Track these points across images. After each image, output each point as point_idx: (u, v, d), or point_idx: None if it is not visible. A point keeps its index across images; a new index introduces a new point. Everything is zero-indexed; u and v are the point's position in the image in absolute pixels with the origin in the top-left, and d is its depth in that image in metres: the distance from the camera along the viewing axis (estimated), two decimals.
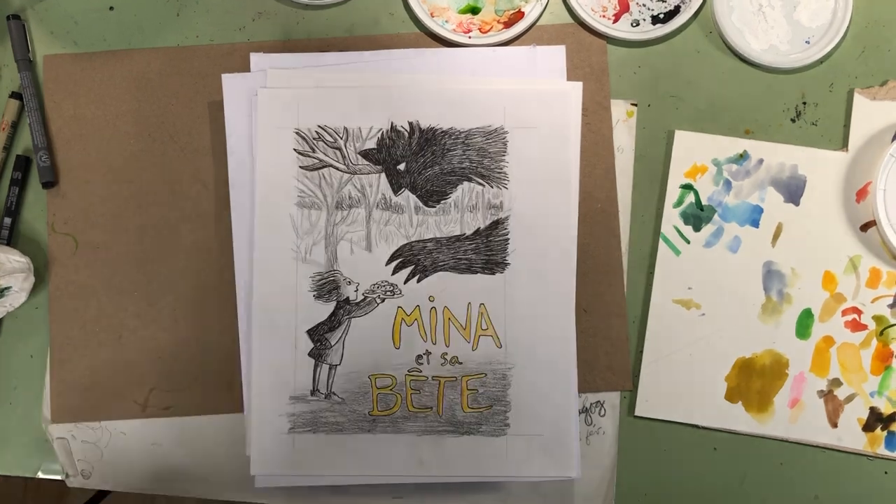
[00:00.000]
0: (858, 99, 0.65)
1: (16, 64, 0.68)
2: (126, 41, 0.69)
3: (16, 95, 0.68)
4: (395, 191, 0.64)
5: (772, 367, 0.64)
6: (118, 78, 0.68)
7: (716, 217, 0.65)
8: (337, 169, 0.65)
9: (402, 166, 0.65)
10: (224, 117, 0.66)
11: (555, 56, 0.66)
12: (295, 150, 0.65)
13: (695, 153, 0.65)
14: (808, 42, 0.65)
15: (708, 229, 0.65)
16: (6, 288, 0.64)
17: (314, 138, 0.65)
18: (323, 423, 0.63)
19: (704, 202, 0.65)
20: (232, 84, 0.66)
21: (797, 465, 0.64)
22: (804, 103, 0.66)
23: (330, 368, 0.64)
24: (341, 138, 0.65)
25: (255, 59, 0.66)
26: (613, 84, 0.66)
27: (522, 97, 0.64)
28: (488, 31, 0.67)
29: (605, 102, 0.66)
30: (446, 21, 0.67)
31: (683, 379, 0.64)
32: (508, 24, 0.66)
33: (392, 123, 0.65)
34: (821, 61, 0.66)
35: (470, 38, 0.66)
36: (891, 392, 0.63)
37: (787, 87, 0.66)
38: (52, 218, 0.67)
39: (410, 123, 0.65)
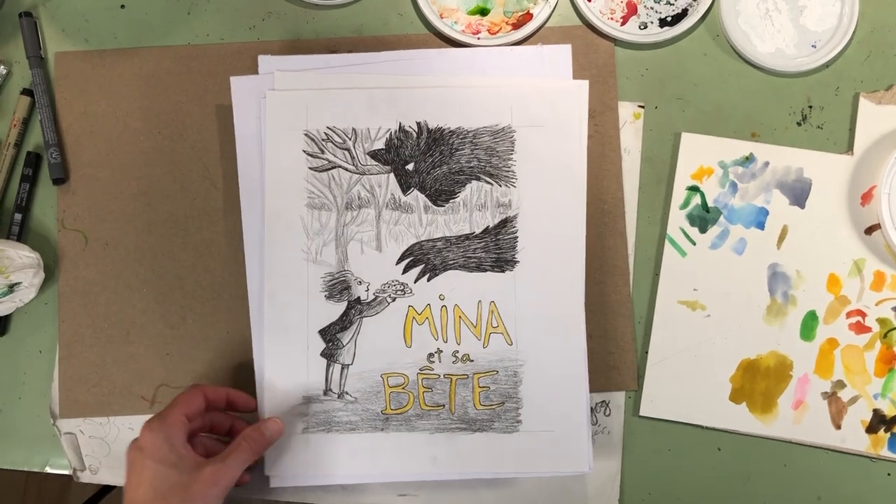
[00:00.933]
0: (864, 103, 0.65)
1: (27, 61, 0.68)
2: (137, 39, 0.69)
3: (27, 92, 0.68)
4: (404, 191, 0.65)
5: (776, 369, 0.64)
6: (129, 75, 0.68)
7: (721, 219, 0.65)
8: (346, 170, 0.65)
9: (410, 166, 0.65)
10: (232, 119, 0.66)
11: (561, 55, 0.66)
12: (304, 151, 0.65)
13: (701, 155, 0.66)
14: (814, 46, 0.66)
15: (714, 231, 0.65)
16: (16, 283, 0.64)
17: (323, 139, 0.65)
18: (336, 422, 0.63)
19: (710, 204, 0.65)
20: (240, 86, 0.66)
21: (801, 466, 0.64)
22: (810, 107, 0.66)
23: (342, 368, 0.64)
24: (350, 139, 0.65)
25: (263, 61, 0.67)
26: (621, 86, 0.67)
27: (529, 96, 0.65)
28: (497, 32, 0.67)
29: (613, 104, 0.66)
30: (455, 22, 0.67)
31: (688, 379, 0.64)
32: (517, 26, 0.67)
33: (400, 124, 0.65)
34: (827, 65, 0.66)
35: (479, 39, 0.67)
36: (894, 394, 0.64)
37: (793, 90, 0.66)
38: (61, 214, 0.68)
39: (418, 123, 0.65)
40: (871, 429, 0.64)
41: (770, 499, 0.64)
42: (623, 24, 0.67)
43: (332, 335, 0.64)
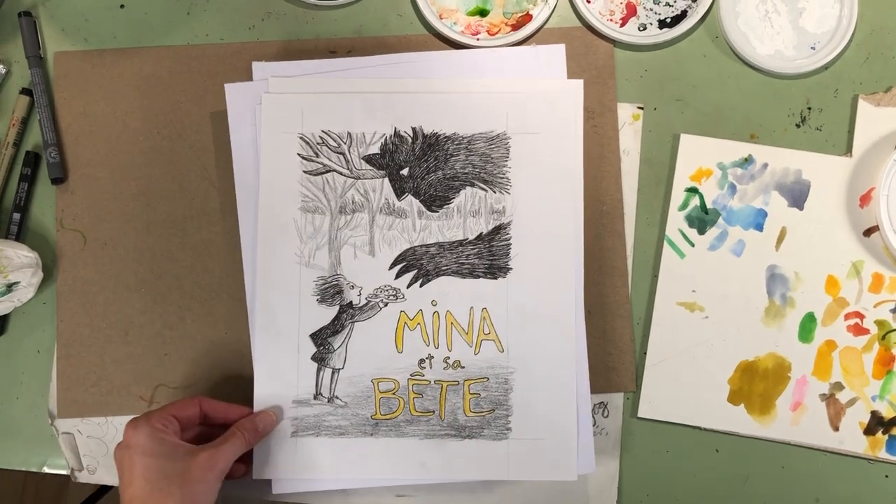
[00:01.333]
0: (862, 105, 0.65)
1: (27, 60, 0.68)
2: (136, 39, 0.69)
3: (26, 92, 0.68)
4: (399, 196, 0.65)
5: (774, 371, 0.64)
6: (128, 75, 0.68)
7: (720, 220, 0.65)
8: (340, 174, 0.65)
9: (405, 171, 0.65)
10: (228, 125, 0.66)
11: (555, 54, 0.66)
12: (299, 154, 0.65)
13: (700, 157, 0.66)
14: (813, 48, 0.66)
15: (712, 232, 0.65)
16: (14, 283, 0.64)
17: (318, 143, 0.65)
18: (326, 426, 0.63)
19: (709, 205, 0.65)
20: (235, 93, 0.66)
21: (799, 468, 0.64)
22: (809, 108, 0.66)
23: (333, 372, 0.64)
24: (345, 143, 0.65)
25: (257, 67, 0.66)
26: (620, 87, 0.67)
27: (525, 100, 0.64)
28: (496, 33, 0.67)
29: (612, 105, 0.66)
30: (455, 23, 0.67)
31: (686, 381, 0.64)
32: (516, 27, 0.67)
33: (395, 128, 0.65)
34: (826, 67, 0.66)
35: (478, 40, 0.67)
36: (892, 396, 0.64)
37: (792, 92, 0.66)
38: (60, 214, 0.68)
39: (413, 129, 0.65)
40: (870, 430, 0.64)
41: (768, 500, 0.64)
42: (622, 25, 0.67)
43: (323, 339, 0.64)
